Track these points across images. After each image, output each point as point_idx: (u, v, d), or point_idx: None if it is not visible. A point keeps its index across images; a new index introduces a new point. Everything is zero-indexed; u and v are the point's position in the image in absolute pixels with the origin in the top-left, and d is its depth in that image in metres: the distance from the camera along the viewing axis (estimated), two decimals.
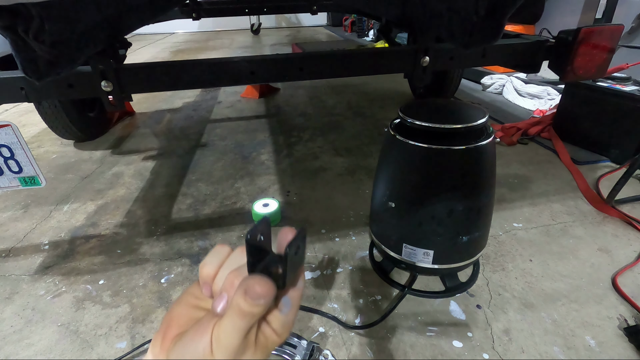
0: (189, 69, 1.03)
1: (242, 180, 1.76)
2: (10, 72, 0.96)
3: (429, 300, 1.08)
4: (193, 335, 0.28)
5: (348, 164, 1.88)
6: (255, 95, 3.02)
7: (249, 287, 0.26)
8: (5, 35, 0.64)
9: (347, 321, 1.01)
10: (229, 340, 0.27)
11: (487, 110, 0.94)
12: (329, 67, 1.13)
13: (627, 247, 1.25)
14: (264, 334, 0.30)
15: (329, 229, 1.39)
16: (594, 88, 1.84)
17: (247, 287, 0.26)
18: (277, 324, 0.30)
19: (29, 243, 1.38)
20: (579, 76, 1.20)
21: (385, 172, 1.01)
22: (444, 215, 0.94)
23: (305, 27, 7.67)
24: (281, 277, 0.27)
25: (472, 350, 0.93)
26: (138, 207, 1.58)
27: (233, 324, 0.27)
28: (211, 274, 0.32)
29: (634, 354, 0.90)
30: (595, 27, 1.13)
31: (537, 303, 1.05)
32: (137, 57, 4.90)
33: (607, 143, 1.83)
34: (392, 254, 1.06)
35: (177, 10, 2.37)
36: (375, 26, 5.27)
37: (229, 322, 0.27)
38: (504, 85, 2.82)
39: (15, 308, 1.10)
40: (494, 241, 1.30)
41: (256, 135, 2.29)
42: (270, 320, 0.30)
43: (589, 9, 3.00)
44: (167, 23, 2.67)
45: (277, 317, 0.30)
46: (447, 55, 1.18)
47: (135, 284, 1.17)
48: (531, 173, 1.73)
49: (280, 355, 0.85)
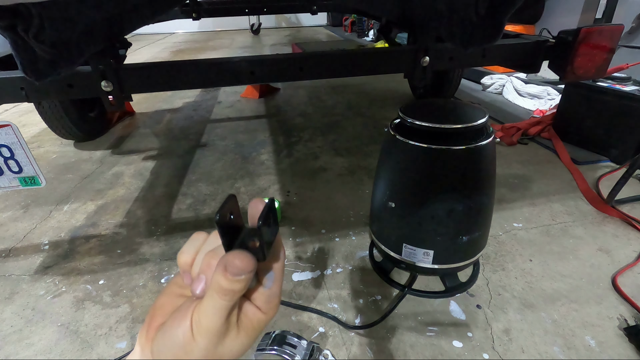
0: (189, 69, 1.03)
1: (242, 180, 1.76)
2: (10, 72, 0.96)
3: (429, 300, 1.08)
4: (172, 321, 0.28)
5: (348, 164, 1.88)
6: (255, 95, 3.02)
7: (229, 262, 0.25)
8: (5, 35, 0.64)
9: (347, 321, 1.01)
10: (209, 322, 0.26)
11: (487, 110, 0.94)
12: (329, 67, 1.13)
13: (627, 247, 1.25)
14: (247, 315, 0.29)
15: (329, 229, 1.39)
16: (594, 88, 1.84)
17: (226, 262, 0.25)
18: (262, 300, 0.30)
19: (29, 243, 1.38)
20: (579, 76, 1.20)
21: (385, 172, 1.01)
22: (444, 215, 0.94)
23: (305, 27, 7.67)
24: (260, 249, 0.27)
25: (472, 350, 0.93)
26: (138, 207, 1.58)
27: (213, 304, 0.26)
28: (188, 261, 0.31)
29: (634, 354, 0.90)
30: (595, 27, 1.13)
31: (537, 303, 1.05)
32: (137, 57, 4.90)
33: (607, 143, 1.83)
34: (392, 254, 1.06)
35: (177, 10, 2.37)
36: (375, 26, 5.27)
37: (209, 302, 0.26)
38: (504, 85, 2.81)
39: (15, 308, 1.10)
40: (494, 241, 1.30)
41: (256, 135, 2.29)
42: (254, 298, 0.29)
43: (589, 9, 3.00)
44: (167, 23, 2.67)
45: (261, 293, 0.29)
46: (447, 55, 1.17)
47: (135, 284, 1.17)
48: (531, 173, 1.73)
49: (280, 355, 0.85)
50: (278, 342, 0.86)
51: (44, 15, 0.65)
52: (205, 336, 0.26)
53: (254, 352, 0.91)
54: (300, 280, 1.16)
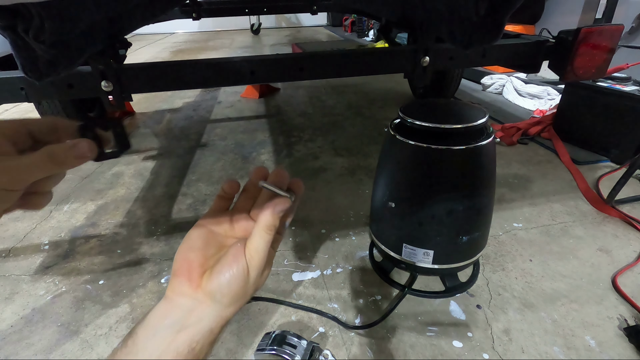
0: (189, 69, 1.03)
1: (242, 180, 1.76)
2: (10, 72, 0.96)
3: (429, 300, 1.08)
4: (227, 263, 0.33)
5: (348, 164, 1.88)
6: (255, 95, 3.02)
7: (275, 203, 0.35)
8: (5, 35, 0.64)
9: (347, 321, 1.01)
10: (260, 257, 0.34)
11: (487, 110, 0.94)
12: (329, 67, 1.13)
13: (627, 247, 1.25)
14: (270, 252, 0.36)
15: (329, 229, 1.39)
16: (594, 88, 1.84)
17: (274, 204, 0.35)
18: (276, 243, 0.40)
19: (29, 243, 1.38)
20: (579, 76, 1.20)
21: (385, 172, 1.01)
22: (444, 215, 0.94)
23: (305, 27, 7.66)
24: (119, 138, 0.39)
25: (472, 350, 0.93)
26: (138, 207, 1.58)
27: (263, 240, 0.34)
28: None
29: (634, 354, 0.90)
30: (595, 27, 1.13)
31: (537, 303, 1.05)
32: (137, 57, 4.90)
33: (607, 143, 1.83)
34: (392, 254, 1.06)
35: (177, 10, 2.37)
36: (375, 26, 5.26)
37: (260, 240, 0.34)
38: (504, 85, 2.81)
39: (15, 308, 1.10)
40: (494, 241, 1.30)
41: (256, 135, 2.29)
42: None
43: (589, 9, 3.00)
44: (167, 23, 2.66)
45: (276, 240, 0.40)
46: (447, 55, 1.17)
47: (135, 284, 1.17)
48: (531, 173, 1.73)
49: (280, 355, 0.85)
50: (278, 342, 0.86)
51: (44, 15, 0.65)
52: (257, 269, 0.34)
53: (254, 352, 0.91)
54: (300, 280, 1.16)
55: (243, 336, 0.98)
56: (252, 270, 0.33)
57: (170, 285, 0.34)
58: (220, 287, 0.32)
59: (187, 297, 0.33)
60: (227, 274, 0.32)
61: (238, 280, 0.32)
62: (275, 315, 1.04)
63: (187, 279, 0.33)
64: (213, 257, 0.35)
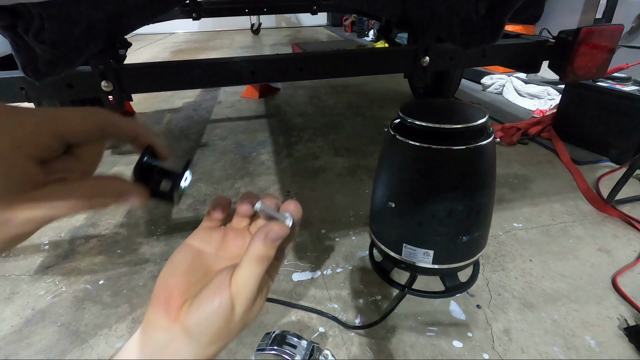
0: (189, 69, 1.03)
1: (242, 180, 1.76)
2: (10, 72, 0.96)
3: (429, 300, 1.08)
4: (209, 295, 0.28)
5: (348, 164, 1.88)
6: (255, 95, 3.02)
7: (270, 229, 0.29)
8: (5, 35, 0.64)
9: (347, 321, 1.01)
10: (248, 290, 0.28)
11: (487, 110, 0.93)
12: (329, 67, 1.13)
13: (627, 247, 1.25)
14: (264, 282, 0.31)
15: (329, 229, 1.39)
16: (594, 88, 1.84)
17: (267, 231, 0.29)
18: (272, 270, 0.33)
19: (29, 243, 1.38)
20: (579, 76, 1.20)
21: (385, 172, 1.01)
22: (444, 215, 0.94)
23: (305, 27, 7.66)
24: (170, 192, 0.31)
25: (472, 350, 0.93)
26: (138, 207, 1.58)
27: (252, 272, 0.28)
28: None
29: (634, 354, 0.90)
30: (595, 27, 1.13)
31: (537, 303, 1.05)
32: (137, 57, 4.90)
33: (607, 143, 1.83)
34: (392, 254, 1.06)
35: (177, 10, 2.37)
36: (375, 26, 5.26)
37: (249, 271, 0.28)
38: (504, 85, 2.81)
39: (15, 308, 1.10)
40: (494, 241, 1.30)
41: (256, 135, 2.29)
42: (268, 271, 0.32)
43: (589, 9, 3.00)
44: (167, 23, 2.66)
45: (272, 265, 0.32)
46: (447, 55, 1.18)
47: (135, 284, 1.17)
48: (531, 173, 1.73)
49: (280, 355, 0.85)
50: (278, 342, 0.86)
51: (44, 15, 0.65)
52: (244, 304, 0.28)
53: (254, 352, 0.91)
54: (300, 280, 1.16)
55: (243, 336, 0.98)
56: (238, 305, 0.28)
57: (146, 316, 0.29)
58: (199, 323, 0.27)
59: (162, 331, 0.28)
60: (208, 308, 0.27)
61: (220, 316, 0.27)
62: (275, 315, 1.04)
63: (163, 310, 0.29)
64: (198, 284, 0.30)
